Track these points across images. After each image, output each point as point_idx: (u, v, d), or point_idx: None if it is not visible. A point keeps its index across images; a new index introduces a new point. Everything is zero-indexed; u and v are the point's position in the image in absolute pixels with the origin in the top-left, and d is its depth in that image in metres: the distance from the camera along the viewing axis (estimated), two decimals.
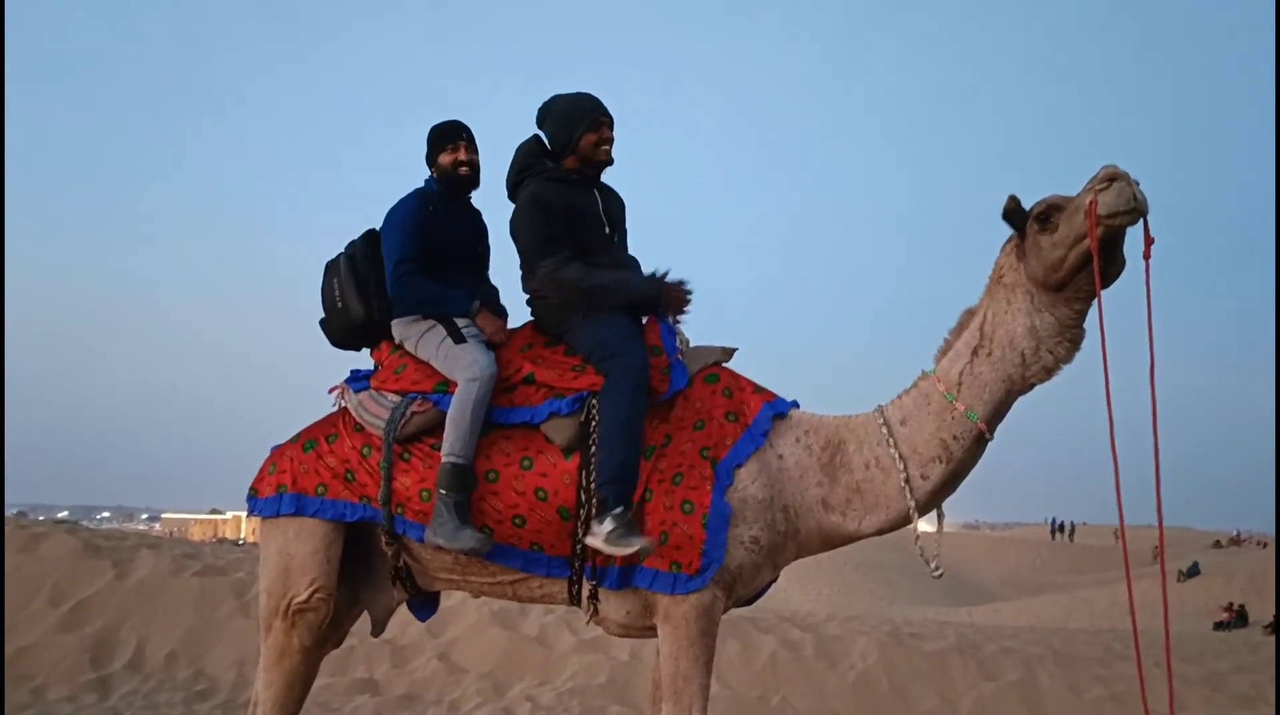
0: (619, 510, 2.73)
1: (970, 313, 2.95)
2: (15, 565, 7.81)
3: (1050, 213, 2.69)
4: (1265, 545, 45.56)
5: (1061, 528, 59.49)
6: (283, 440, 3.27)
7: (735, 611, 10.01)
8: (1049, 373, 2.81)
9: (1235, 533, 53.36)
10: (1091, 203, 2.55)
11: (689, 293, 3.18)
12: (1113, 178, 2.57)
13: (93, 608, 7.56)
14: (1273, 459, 5.79)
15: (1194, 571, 35.65)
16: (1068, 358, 2.80)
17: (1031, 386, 2.84)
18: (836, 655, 8.29)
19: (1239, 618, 25.41)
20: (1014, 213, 2.79)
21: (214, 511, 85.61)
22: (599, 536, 2.73)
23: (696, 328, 3.25)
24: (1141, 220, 2.59)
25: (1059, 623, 24.64)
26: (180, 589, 7.92)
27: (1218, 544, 49.18)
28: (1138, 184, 2.59)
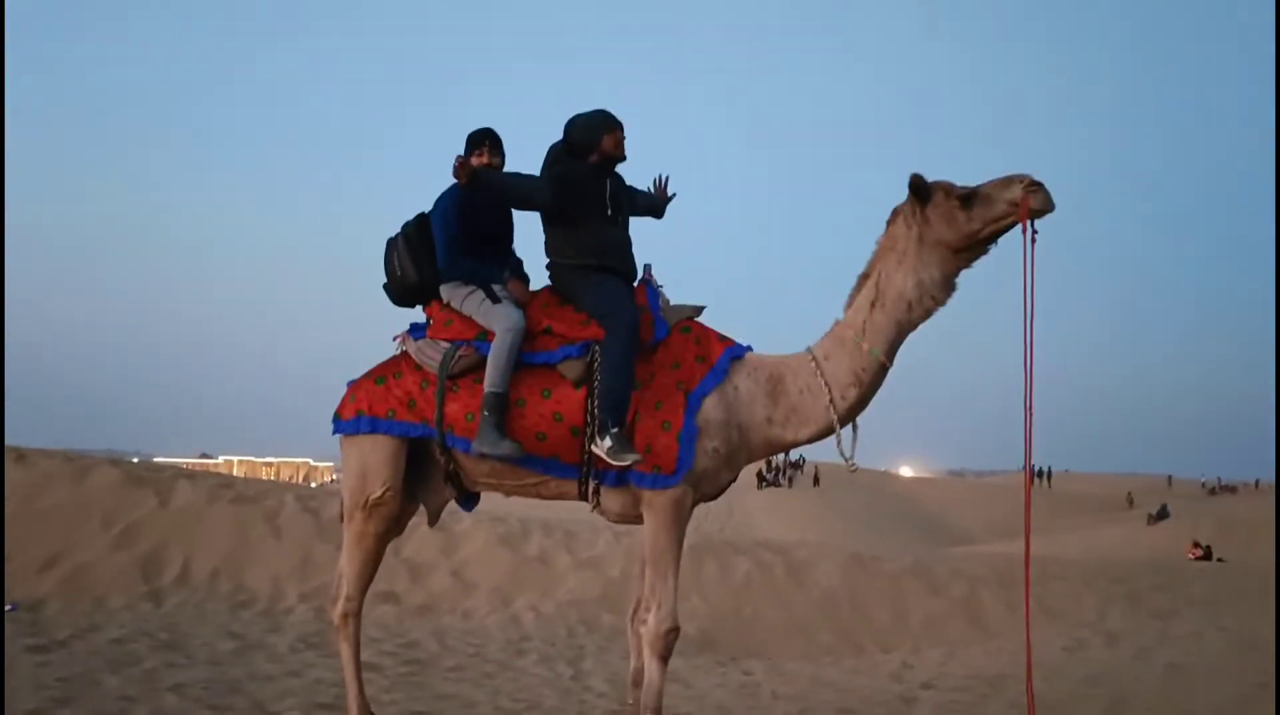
0: (615, 430, 3.67)
1: (864, 276, 3.92)
2: (68, 493, 8.60)
3: (972, 197, 3.67)
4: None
5: (1040, 474, 61.10)
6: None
7: (715, 536, 11.01)
8: (928, 314, 3.80)
9: (1214, 480, 54.55)
10: (1025, 199, 3.56)
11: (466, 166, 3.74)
12: (1038, 184, 3.57)
13: (140, 530, 8.36)
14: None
15: (1163, 515, 36.98)
16: (944, 302, 3.79)
17: (916, 325, 3.82)
18: (804, 575, 9.22)
19: (1204, 558, 26.22)
20: (919, 187, 3.73)
21: (203, 456, 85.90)
22: (602, 450, 3.67)
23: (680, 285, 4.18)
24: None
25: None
26: (217, 515, 8.76)
27: (1212, 491, 50.10)
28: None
